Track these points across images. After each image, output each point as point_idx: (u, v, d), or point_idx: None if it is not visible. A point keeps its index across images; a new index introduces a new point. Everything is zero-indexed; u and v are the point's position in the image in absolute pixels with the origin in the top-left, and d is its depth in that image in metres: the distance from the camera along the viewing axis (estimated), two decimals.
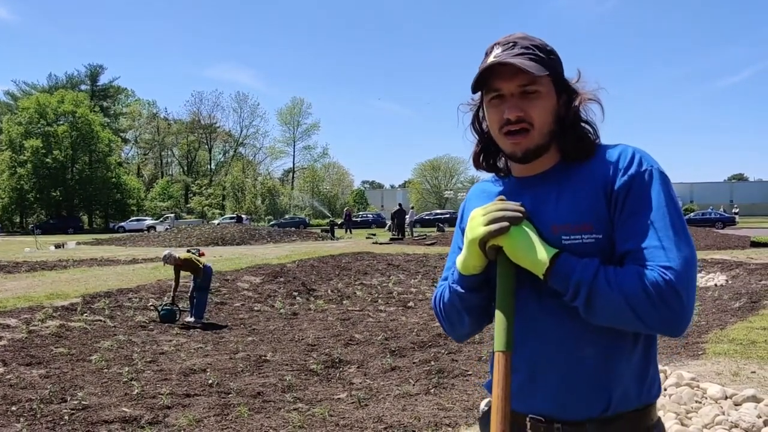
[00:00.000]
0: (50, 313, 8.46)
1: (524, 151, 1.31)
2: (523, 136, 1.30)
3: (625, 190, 1.25)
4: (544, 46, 1.34)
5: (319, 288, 12.31)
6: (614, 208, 1.25)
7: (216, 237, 28.20)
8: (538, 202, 1.33)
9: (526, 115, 1.29)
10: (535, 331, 1.30)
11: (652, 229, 1.21)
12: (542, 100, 1.30)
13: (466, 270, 1.34)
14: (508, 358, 1.21)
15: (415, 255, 17.51)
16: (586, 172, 1.31)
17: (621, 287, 1.17)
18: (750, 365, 5.44)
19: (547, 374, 1.30)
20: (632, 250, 1.21)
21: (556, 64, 1.34)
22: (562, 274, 1.22)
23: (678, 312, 1.16)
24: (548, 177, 1.35)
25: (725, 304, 8.88)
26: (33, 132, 54.11)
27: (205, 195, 64.63)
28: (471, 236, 1.29)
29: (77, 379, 5.85)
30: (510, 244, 1.25)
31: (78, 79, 68.93)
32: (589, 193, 1.28)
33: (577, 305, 1.22)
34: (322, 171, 73.31)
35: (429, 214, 49.60)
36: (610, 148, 1.33)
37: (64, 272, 13.94)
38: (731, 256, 14.93)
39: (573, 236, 1.26)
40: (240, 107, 74.52)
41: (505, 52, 1.30)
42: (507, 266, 1.28)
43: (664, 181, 1.26)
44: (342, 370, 6.30)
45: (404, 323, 8.84)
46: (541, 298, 1.30)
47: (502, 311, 1.25)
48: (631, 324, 1.19)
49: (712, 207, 46.61)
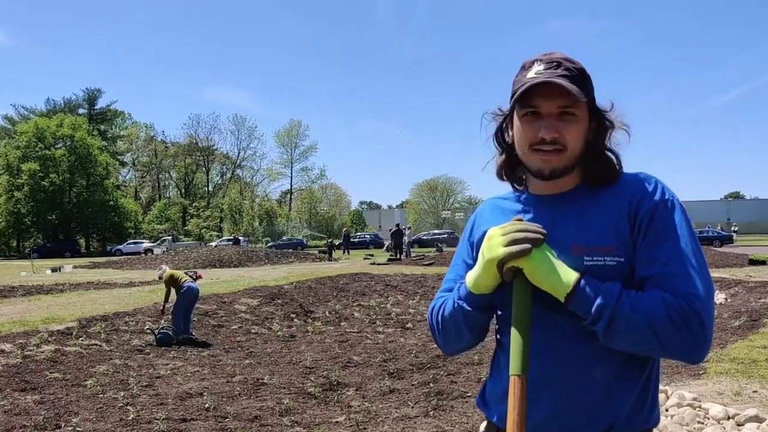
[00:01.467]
0: (45, 337, 8.39)
1: (552, 170, 1.31)
2: (556, 155, 1.30)
3: (649, 216, 1.26)
4: (583, 70, 1.35)
5: (316, 310, 12.24)
6: (638, 233, 1.26)
7: (213, 259, 28.12)
8: (556, 222, 1.32)
9: (561, 137, 1.29)
10: (543, 351, 1.28)
11: (675, 256, 1.22)
12: (578, 124, 1.31)
13: (477, 289, 1.33)
14: (524, 381, 1.19)
15: (413, 275, 17.46)
16: (609, 196, 1.31)
17: (645, 312, 1.16)
18: (752, 384, 5.40)
19: (552, 394, 1.28)
20: (655, 275, 1.21)
21: (591, 91, 1.36)
22: (584, 298, 1.21)
23: (700, 339, 1.17)
24: (568, 198, 1.35)
25: (725, 323, 8.84)
26: (31, 156, 54.20)
27: (202, 217, 64.61)
28: (489, 256, 1.27)
29: (72, 404, 5.78)
30: (531, 266, 1.24)
31: (76, 103, 69.34)
32: (613, 216, 1.28)
33: (597, 329, 1.20)
34: (320, 192, 73.43)
35: (427, 234, 49.57)
36: (632, 176, 1.35)
37: (60, 296, 13.85)
38: (730, 274, 14.91)
39: (596, 257, 1.26)
40: (237, 129, 74.89)
41: (549, 71, 1.30)
42: (524, 288, 1.26)
43: (684, 212, 1.29)
44: (340, 393, 6.23)
45: (403, 345, 8.77)
46: (551, 319, 1.28)
47: (519, 334, 1.23)
48: (650, 349, 1.19)
49: (710, 225, 46.65)
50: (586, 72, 1.35)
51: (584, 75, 1.34)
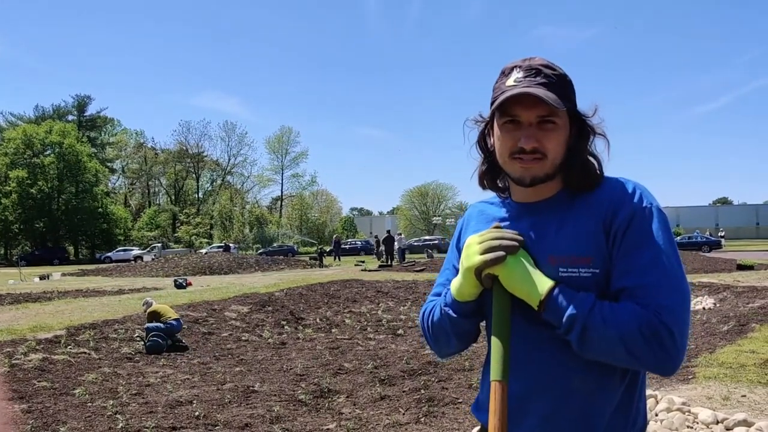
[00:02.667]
0: (33, 346, 8.31)
1: (533, 178, 1.31)
2: (536, 163, 1.29)
3: (624, 226, 1.24)
4: (563, 76, 1.33)
5: (307, 316, 12.20)
6: (612, 243, 1.24)
7: (204, 266, 27.99)
8: (537, 230, 1.32)
9: (541, 146, 1.28)
10: (524, 361, 1.28)
11: (649, 267, 1.20)
12: (558, 132, 1.29)
13: (461, 296, 1.33)
14: (505, 387, 1.20)
15: (404, 282, 17.45)
16: (587, 205, 1.30)
17: (616, 325, 1.16)
18: (740, 389, 5.43)
19: (533, 404, 1.29)
20: (629, 287, 1.21)
21: (573, 96, 1.34)
22: (556, 307, 1.21)
23: (671, 352, 1.15)
24: (550, 205, 1.34)
25: (714, 328, 8.90)
26: (19, 163, 53.80)
27: (192, 224, 64.29)
28: (467, 264, 1.28)
29: (60, 413, 5.72)
30: (506, 273, 1.24)
31: (65, 109, 68.96)
32: (590, 226, 1.27)
33: (570, 339, 1.21)
34: (311, 198, 73.38)
35: (418, 240, 49.60)
36: (612, 181, 1.33)
37: (48, 304, 13.73)
38: (718, 279, 15.01)
39: (570, 269, 1.25)
40: (228, 136, 74.81)
41: (528, 79, 1.29)
42: (503, 295, 1.27)
43: (663, 219, 1.26)
44: (331, 400, 6.21)
45: (394, 351, 8.76)
46: (531, 328, 1.28)
47: (499, 340, 1.24)
48: (622, 361, 1.19)
49: (698, 231, 47.00)
50: (567, 78, 1.34)
51: (564, 81, 1.32)
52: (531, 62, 1.32)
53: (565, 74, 1.34)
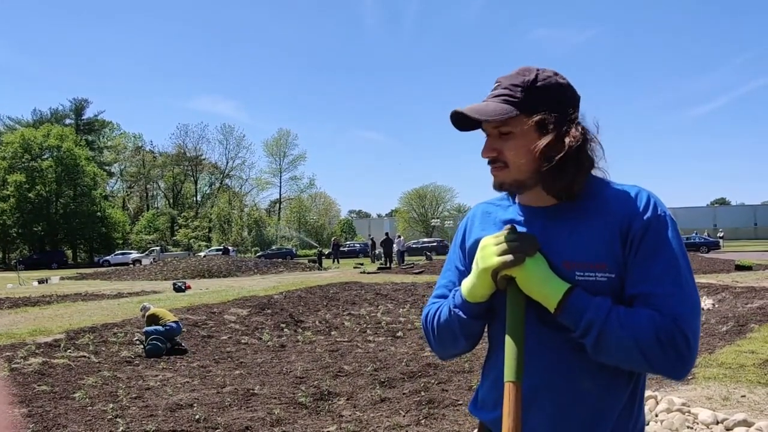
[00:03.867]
0: (33, 350, 8.30)
1: (500, 184, 1.35)
2: (500, 170, 1.33)
3: (641, 233, 1.25)
4: (531, 83, 1.30)
5: (306, 319, 12.20)
6: (629, 250, 1.25)
7: (202, 269, 27.97)
8: (548, 235, 1.32)
9: (500, 155, 1.32)
10: (536, 362, 1.29)
11: (665, 274, 1.22)
12: (516, 140, 1.30)
13: (473, 298, 1.34)
14: (519, 388, 1.21)
15: (403, 284, 17.46)
16: (600, 212, 1.29)
17: (633, 330, 1.18)
18: (740, 389, 5.44)
19: (543, 404, 1.30)
20: (644, 294, 1.22)
21: (542, 103, 1.29)
22: (574, 311, 1.22)
23: (686, 358, 1.19)
24: (560, 210, 1.34)
25: (713, 328, 8.91)
26: (17, 167, 53.74)
27: (191, 227, 64.24)
28: (483, 265, 1.29)
29: (60, 417, 5.72)
30: (523, 275, 1.25)
31: (63, 113, 68.94)
32: (605, 232, 1.27)
33: (586, 342, 1.22)
34: (309, 201, 73.33)
35: (416, 242, 49.61)
36: (625, 189, 1.32)
37: (47, 308, 13.71)
38: (717, 279, 15.03)
39: (587, 273, 1.26)
40: (226, 139, 74.75)
41: (490, 92, 1.35)
42: (518, 296, 1.27)
43: (675, 227, 1.29)
44: (331, 403, 6.21)
45: (393, 353, 8.76)
46: (544, 330, 1.29)
47: (513, 341, 1.24)
48: (637, 365, 1.21)
49: (696, 231, 47.05)
50: (547, 84, 1.31)
51: (533, 90, 1.30)
52: (504, 76, 1.36)
53: (546, 81, 1.32)
